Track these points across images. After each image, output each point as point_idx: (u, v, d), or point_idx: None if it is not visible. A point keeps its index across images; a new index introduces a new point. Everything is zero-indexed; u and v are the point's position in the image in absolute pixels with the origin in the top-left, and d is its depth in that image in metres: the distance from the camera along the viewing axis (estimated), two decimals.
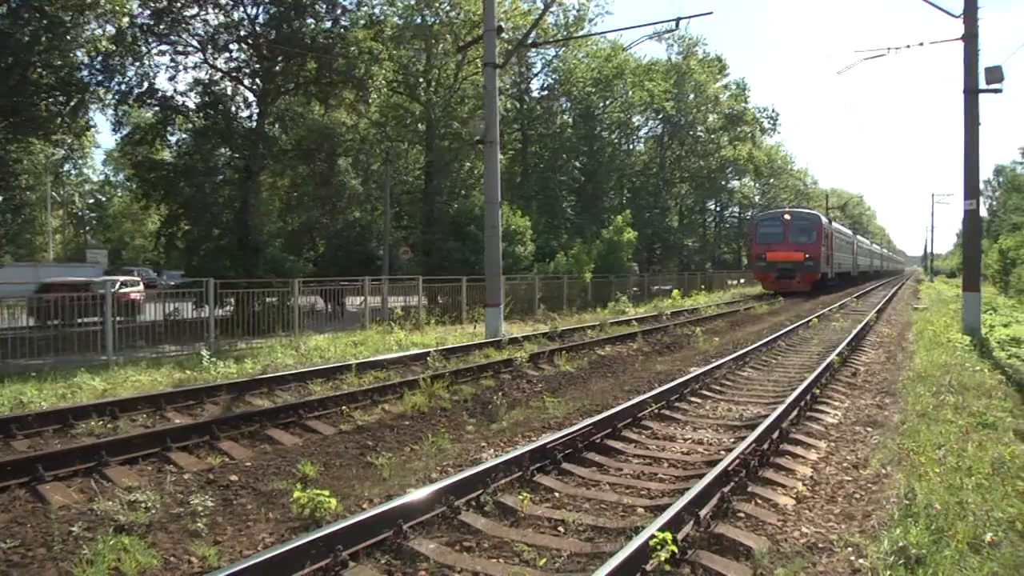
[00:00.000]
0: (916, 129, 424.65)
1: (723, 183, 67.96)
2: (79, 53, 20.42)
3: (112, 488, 7.03)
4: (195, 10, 23.85)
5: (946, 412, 9.65)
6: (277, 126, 28.32)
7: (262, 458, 8.15)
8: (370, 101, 28.93)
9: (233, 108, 25.29)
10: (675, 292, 36.43)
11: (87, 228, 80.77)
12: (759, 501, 6.48)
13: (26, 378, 11.92)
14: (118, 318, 15.84)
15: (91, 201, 79.18)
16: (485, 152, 20.00)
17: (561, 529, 5.92)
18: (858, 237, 66.88)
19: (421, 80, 37.69)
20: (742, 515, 6.07)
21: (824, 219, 43.66)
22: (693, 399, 11.24)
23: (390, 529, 5.47)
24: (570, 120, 51.29)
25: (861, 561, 5.20)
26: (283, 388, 11.87)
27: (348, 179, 43.14)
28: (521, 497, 6.33)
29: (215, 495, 6.82)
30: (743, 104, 65.39)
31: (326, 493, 6.19)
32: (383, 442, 8.87)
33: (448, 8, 37.49)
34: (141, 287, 24.84)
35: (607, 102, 52.55)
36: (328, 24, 25.14)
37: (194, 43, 24.44)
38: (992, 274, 50.59)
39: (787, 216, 41.91)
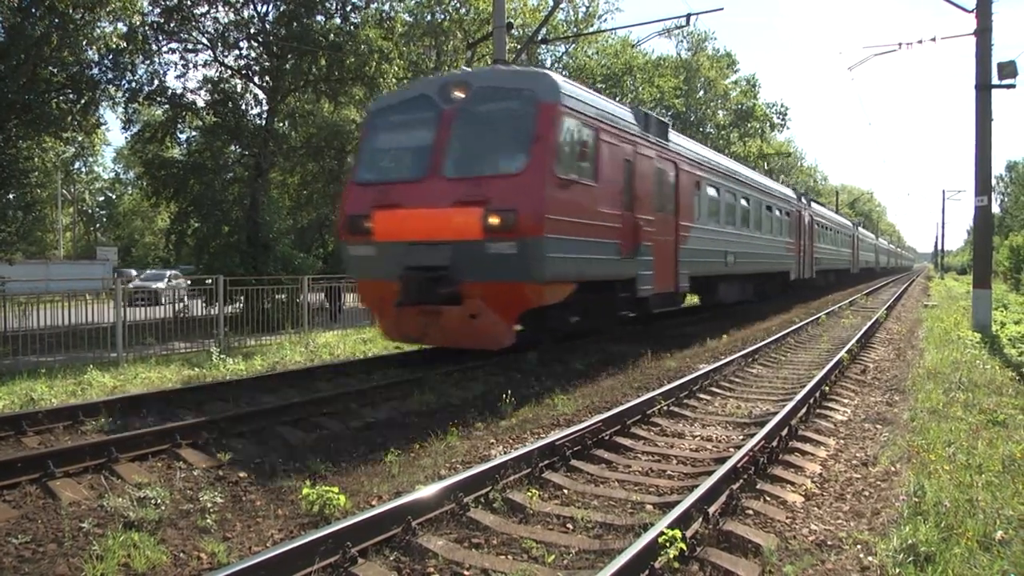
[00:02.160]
0: (927, 125, 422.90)
1: None
2: (90, 51, 20.51)
3: (122, 485, 7.06)
4: (205, 8, 24.02)
5: (956, 409, 9.60)
6: (287, 123, 28.40)
7: (271, 455, 8.18)
8: None
9: (243, 106, 25.42)
10: None
11: (97, 226, 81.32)
12: (768, 498, 6.46)
13: (37, 375, 12.00)
14: None
15: (101, 199, 79.83)
16: None
17: (570, 526, 5.91)
18: (819, 209, 38.90)
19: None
20: (751, 512, 6.05)
21: (610, 106, 13.96)
22: (703, 396, 11.21)
23: (399, 526, 5.46)
24: None
25: (870, 559, 5.19)
26: (292, 385, 11.91)
27: None
28: (530, 494, 6.33)
29: (224, 492, 6.84)
30: (753, 100, 65.09)
31: (335, 490, 6.20)
32: (392, 439, 8.87)
33: (458, 5, 37.49)
34: None
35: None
36: (338, 21, 25.20)
37: (204, 41, 24.59)
38: (1003, 271, 50.23)
39: (457, 91, 11.94)
